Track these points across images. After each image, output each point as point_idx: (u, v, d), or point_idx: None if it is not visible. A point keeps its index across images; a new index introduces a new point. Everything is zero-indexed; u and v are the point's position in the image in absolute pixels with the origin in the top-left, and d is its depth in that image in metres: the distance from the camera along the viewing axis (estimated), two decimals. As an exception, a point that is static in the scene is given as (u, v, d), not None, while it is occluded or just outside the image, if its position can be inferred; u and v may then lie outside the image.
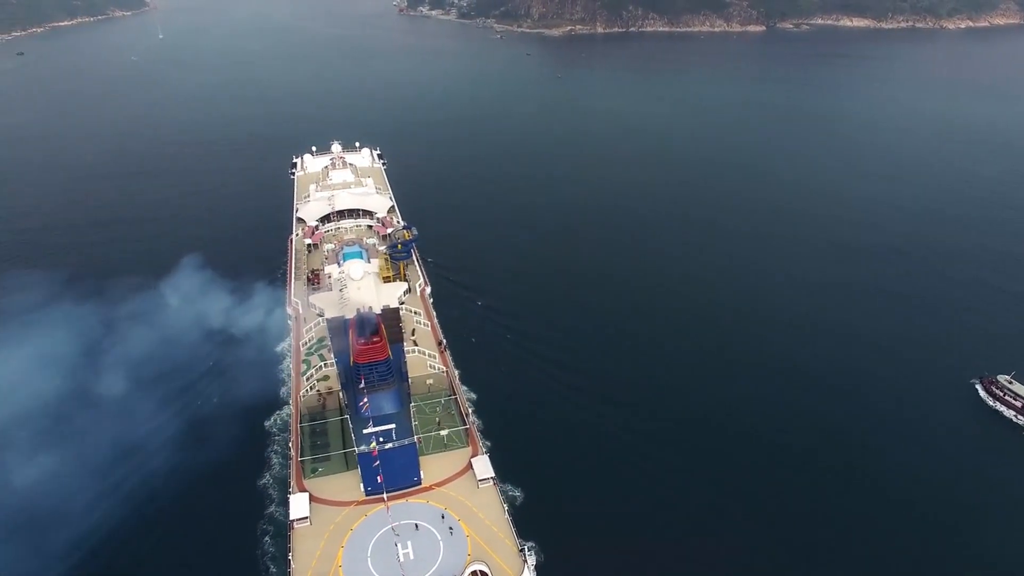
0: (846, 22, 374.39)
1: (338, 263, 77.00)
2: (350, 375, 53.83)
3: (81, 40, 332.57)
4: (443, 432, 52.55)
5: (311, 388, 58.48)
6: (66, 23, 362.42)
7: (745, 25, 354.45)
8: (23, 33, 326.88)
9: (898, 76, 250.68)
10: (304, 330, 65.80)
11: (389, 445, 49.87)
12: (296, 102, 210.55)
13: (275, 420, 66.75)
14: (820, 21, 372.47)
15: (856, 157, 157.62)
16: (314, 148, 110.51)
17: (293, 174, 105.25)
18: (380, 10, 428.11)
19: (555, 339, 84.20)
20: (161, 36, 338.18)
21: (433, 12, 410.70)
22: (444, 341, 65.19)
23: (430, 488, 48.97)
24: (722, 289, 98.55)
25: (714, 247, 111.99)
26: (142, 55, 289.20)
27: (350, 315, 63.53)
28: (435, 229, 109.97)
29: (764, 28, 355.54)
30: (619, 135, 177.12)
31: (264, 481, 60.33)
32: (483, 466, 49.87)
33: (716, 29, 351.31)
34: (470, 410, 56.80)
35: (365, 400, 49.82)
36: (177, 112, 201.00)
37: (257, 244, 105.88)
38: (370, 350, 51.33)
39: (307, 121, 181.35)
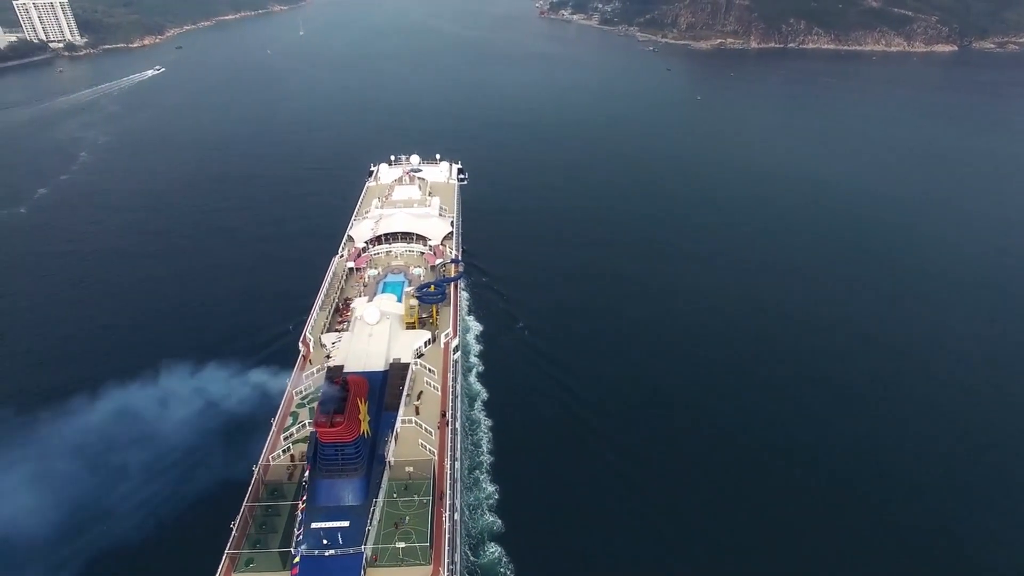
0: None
1: (375, 293, 70.50)
2: (316, 450, 45.75)
3: (236, 34, 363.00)
4: (400, 545, 42.59)
5: (285, 450, 51.04)
6: (230, 17, 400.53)
7: (931, 44, 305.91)
8: (193, 26, 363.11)
9: None
10: (305, 375, 58.82)
11: (331, 552, 41.13)
12: (405, 105, 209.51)
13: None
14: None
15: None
16: (392, 157, 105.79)
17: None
18: (521, 12, 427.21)
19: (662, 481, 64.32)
20: (302, 32, 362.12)
21: (575, 17, 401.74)
22: (448, 413, 55.05)
23: (367, 616, 39.52)
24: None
25: (890, 318, 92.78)
26: (278, 50, 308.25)
27: (353, 366, 56.14)
28: (510, 260, 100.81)
29: (955, 48, 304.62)
30: (760, 179, 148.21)
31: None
32: (435, 601, 39.44)
33: (892, 48, 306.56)
34: (447, 516, 46.00)
35: (303, 500, 41.09)
36: (286, 108, 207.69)
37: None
38: (331, 432, 42.84)
39: (410, 123, 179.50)
